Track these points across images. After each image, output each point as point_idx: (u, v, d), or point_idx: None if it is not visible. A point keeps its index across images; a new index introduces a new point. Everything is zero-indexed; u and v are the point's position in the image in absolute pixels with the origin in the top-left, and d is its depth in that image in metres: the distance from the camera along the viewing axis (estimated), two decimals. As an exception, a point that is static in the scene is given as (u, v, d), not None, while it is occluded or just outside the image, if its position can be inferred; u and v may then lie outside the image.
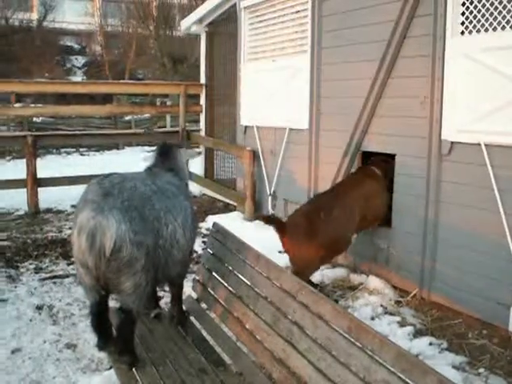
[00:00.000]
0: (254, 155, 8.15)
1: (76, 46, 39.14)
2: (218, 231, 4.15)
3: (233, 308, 3.66)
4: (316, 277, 5.99)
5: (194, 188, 10.87)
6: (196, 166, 11.01)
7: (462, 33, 5.01)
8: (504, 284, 4.75)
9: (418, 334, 4.93)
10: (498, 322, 4.86)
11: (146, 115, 22.52)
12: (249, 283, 3.56)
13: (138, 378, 3.26)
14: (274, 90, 7.76)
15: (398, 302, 5.56)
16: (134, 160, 16.58)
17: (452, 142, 5.13)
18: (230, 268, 3.83)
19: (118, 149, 20.86)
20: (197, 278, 4.28)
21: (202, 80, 10.82)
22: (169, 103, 22.73)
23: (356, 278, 6.10)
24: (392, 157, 5.88)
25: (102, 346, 3.49)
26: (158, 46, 31.93)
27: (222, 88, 10.33)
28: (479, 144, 4.84)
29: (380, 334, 2.50)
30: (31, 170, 9.22)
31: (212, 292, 4.00)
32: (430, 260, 5.44)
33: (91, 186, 3.41)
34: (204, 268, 4.20)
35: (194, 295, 4.28)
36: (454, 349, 4.66)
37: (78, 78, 35.29)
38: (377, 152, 6.10)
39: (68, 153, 19.53)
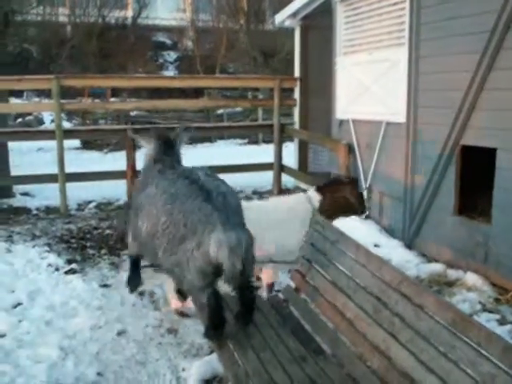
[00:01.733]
0: (350, 149, 8.14)
1: (168, 42, 39.99)
2: (318, 222, 4.21)
3: (332, 298, 3.72)
4: (411, 271, 5.95)
5: (288, 180, 11.01)
6: (290, 159, 11.12)
7: None
8: None
9: (518, 332, 4.82)
10: None
11: (238, 109, 22.84)
12: (348, 274, 3.60)
13: (239, 362, 3.38)
14: (370, 83, 7.72)
15: (497, 300, 5.44)
16: (226, 152, 17.02)
17: (559, 136, 4.97)
18: (330, 258, 3.88)
19: (210, 141, 21.27)
20: (296, 268, 4.36)
21: (297, 74, 10.88)
22: (260, 97, 22.91)
23: (453, 274, 6.00)
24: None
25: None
26: (249, 40, 32.10)
27: (317, 82, 10.34)
28: None
29: (486, 327, 2.49)
30: (131, 161, 9.58)
31: (311, 282, 4.07)
32: (533, 257, 5.30)
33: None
34: (303, 258, 4.27)
35: (293, 285, 4.36)
36: (556, 349, 4.53)
37: (170, 72, 36.14)
38: (477, 146, 5.97)
39: (161, 146, 20.08)
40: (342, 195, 5.42)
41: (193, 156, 14.82)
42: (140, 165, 9.71)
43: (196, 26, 36.72)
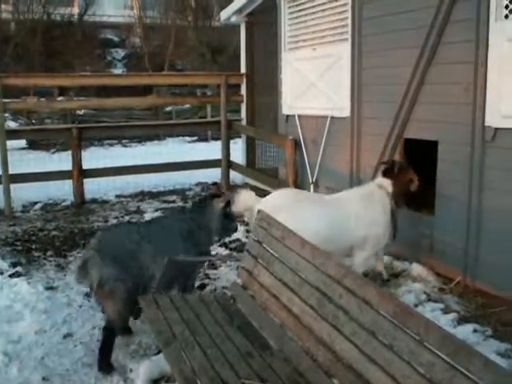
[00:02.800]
0: (296, 144, 8.19)
1: (116, 39, 39.56)
2: (263, 219, 4.21)
3: (278, 294, 3.72)
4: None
5: (237, 177, 11.01)
6: (238, 155, 11.12)
7: (506, 16, 4.96)
8: (550, 270, 4.72)
9: (462, 320, 4.92)
10: (544, 309, 4.84)
11: (187, 106, 22.76)
12: (294, 269, 3.62)
13: (186, 360, 3.35)
14: (314, 78, 7.79)
15: (441, 290, 5.56)
16: (175, 150, 16.94)
17: (496, 129, 5.09)
18: (276, 255, 3.89)
19: (159, 139, 21.14)
20: (242, 265, 4.35)
21: (243, 70, 10.88)
22: (209, 93, 22.85)
23: (399, 265, 6.11)
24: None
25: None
26: (197, 37, 32.03)
27: (263, 77, 10.37)
28: (524, 129, 4.81)
29: (425, 317, 2.53)
30: (77, 161, 9.44)
31: (257, 278, 4.06)
32: (474, 247, 5.42)
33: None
34: (249, 255, 4.27)
35: (240, 281, 4.36)
36: (498, 336, 4.65)
37: (119, 70, 35.76)
38: (419, 139, 6.08)
39: (111, 144, 19.88)
40: (408, 178, 5.51)
41: (141, 154, 14.86)
42: (86, 164, 9.71)
43: (144, 23, 36.41)
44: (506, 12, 4.95)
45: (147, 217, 8.58)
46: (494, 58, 5.06)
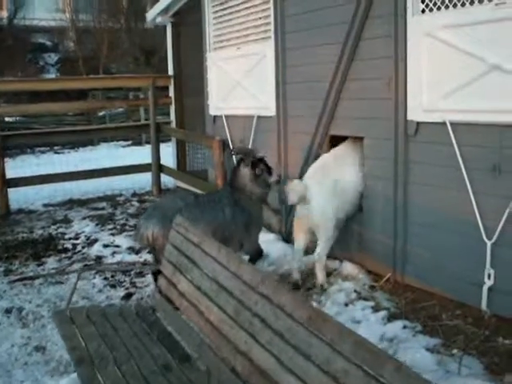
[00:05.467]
0: (224, 145, 8.04)
1: (48, 43, 38.49)
2: (180, 224, 4.05)
3: (197, 302, 3.56)
4: (291, 264, 5.90)
5: (168, 180, 10.78)
6: (168, 158, 10.89)
7: (423, 11, 4.93)
8: (476, 263, 4.71)
9: (392, 317, 4.87)
10: (471, 302, 4.83)
11: (120, 109, 22.32)
12: (211, 276, 3.47)
13: (100, 378, 3.16)
14: (240, 78, 7.65)
15: (372, 287, 5.51)
16: (110, 155, 16.53)
17: (418, 123, 5.07)
18: (193, 261, 3.73)
19: (93, 145, 20.66)
20: (162, 272, 4.18)
21: (170, 72, 10.66)
22: (142, 96, 22.46)
23: (330, 264, 6.01)
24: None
25: None
26: (130, 40, 31.61)
27: (191, 79, 10.15)
28: (445, 123, 4.78)
29: (340, 323, 2.42)
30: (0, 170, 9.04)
31: (177, 286, 3.90)
32: (402, 242, 5.39)
33: None
34: (168, 262, 4.10)
35: (159, 290, 4.18)
36: (427, 331, 4.62)
37: (52, 75, 34.74)
38: (344, 136, 6.04)
39: (42, 152, 19.28)
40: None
41: (74, 160, 14.43)
42: (17, 172, 9.31)
43: (77, 27, 35.53)
44: (422, 6, 4.92)
45: (75, 226, 8.31)
46: (412, 53, 5.04)
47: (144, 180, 10.77)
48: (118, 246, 7.26)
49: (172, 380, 3.14)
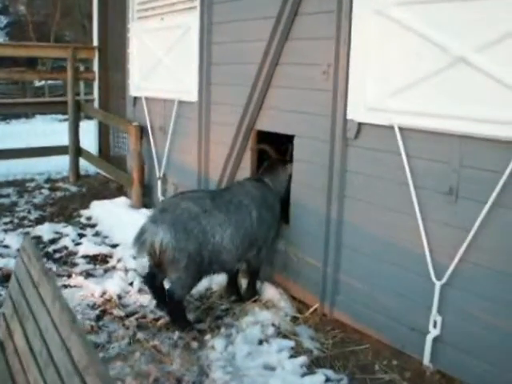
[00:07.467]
0: (142, 131, 6.89)
1: (-2, 5, 36.84)
2: (25, 249, 2.93)
3: (27, 367, 2.49)
4: (204, 283, 4.85)
5: (90, 166, 9.55)
6: (90, 141, 9.66)
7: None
8: (419, 305, 3.76)
9: (313, 365, 3.92)
10: (411, 352, 3.88)
11: (59, 81, 20.88)
12: (43, 336, 2.39)
13: None
14: (162, 54, 6.49)
15: (294, 319, 4.51)
16: (44, 129, 15.06)
17: (360, 124, 4.04)
18: (30, 308, 2.64)
19: (27, 117, 19.18)
20: (4, 312, 3.07)
21: (95, 42, 9.37)
22: (82, 68, 21.04)
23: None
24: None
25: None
26: (79, 8, 30.27)
27: (117, 52, 8.84)
28: (392, 127, 3.77)
29: None
30: None
31: (13, 336, 2.81)
32: (333, 268, 4.39)
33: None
34: (9, 298, 3.00)
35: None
36: (355, 386, 3.66)
37: (0, 39, 33.28)
38: (272, 132, 4.98)
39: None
40: None
41: (2, 133, 12.97)
42: None
43: (28, -11, 34.00)
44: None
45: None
46: (358, 35, 3.99)
47: (60, 163, 9.52)
48: (6, 247, 6.06)
49: None
